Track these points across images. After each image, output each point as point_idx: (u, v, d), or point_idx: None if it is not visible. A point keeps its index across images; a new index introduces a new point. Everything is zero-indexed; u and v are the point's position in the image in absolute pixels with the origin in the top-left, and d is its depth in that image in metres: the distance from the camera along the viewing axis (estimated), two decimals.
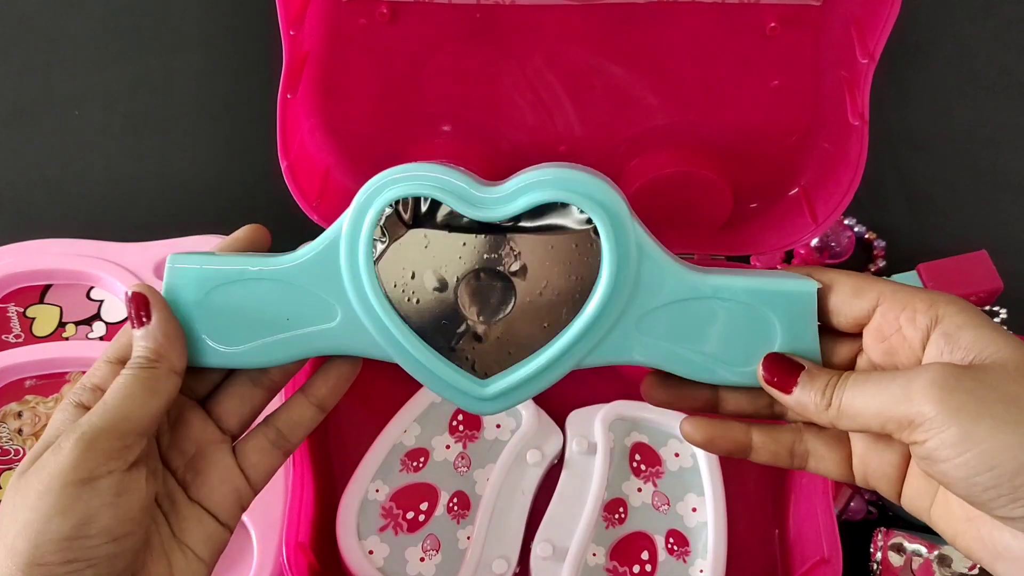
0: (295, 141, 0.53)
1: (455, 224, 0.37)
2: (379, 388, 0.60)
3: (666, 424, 0.58)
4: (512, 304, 0.38)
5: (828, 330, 0.37)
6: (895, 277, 0.61)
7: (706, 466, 0.56)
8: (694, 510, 0.56)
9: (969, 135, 0.68)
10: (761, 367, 0.37)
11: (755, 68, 0.52)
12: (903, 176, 0.67)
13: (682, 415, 0.57)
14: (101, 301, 0.62)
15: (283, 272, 0.37)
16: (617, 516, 0.55)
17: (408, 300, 0.37)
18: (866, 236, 0.67)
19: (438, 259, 0.37)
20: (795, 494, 0.56)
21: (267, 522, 0.54)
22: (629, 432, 0.58)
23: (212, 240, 0.62)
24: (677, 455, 0.57)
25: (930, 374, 0.32)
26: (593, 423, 0.56)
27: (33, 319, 0.61)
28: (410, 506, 0.55)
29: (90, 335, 0.61)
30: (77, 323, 0.61)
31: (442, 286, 0.38)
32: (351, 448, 0.57)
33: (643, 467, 0.57)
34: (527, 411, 0.57)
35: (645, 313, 0.37)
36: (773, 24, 0.49)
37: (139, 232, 0.63)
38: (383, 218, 0.36)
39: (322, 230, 0.54)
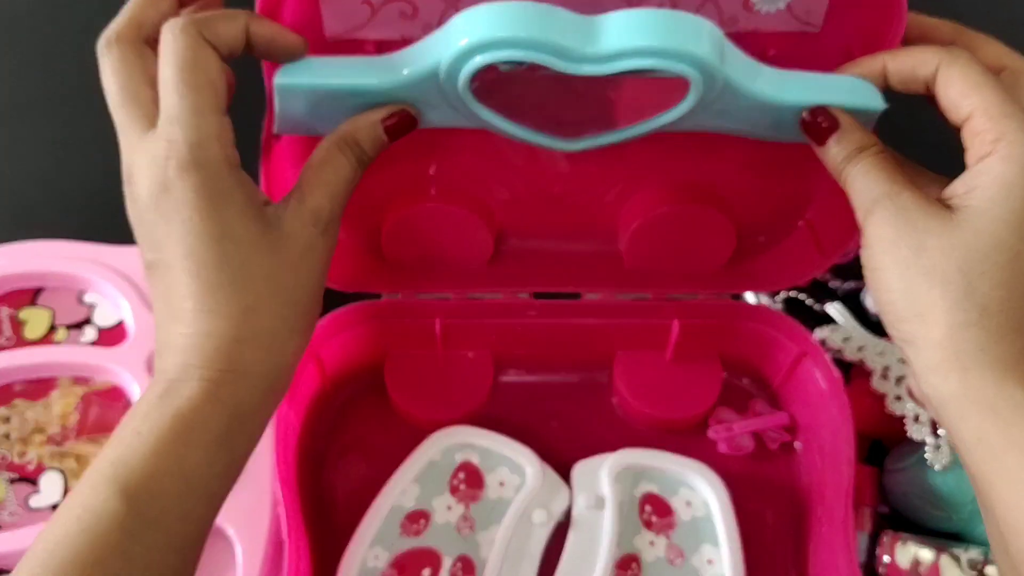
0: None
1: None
2: (376, 446, 0.58)
3: (676, 471, 0.55)
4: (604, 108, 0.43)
5: None
6: None
7: (719, 515, 0.54)
8: (710, 562, 0.53)
9: None
10: (805, 113, 0.41)
11: None
12: None
13: (694, 461, 0.55)
14: (93, 305, 0.61)
15: (388, 92, 0.41)
16: (630, 573, 0.53)
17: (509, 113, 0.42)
18: None
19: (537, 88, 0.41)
20: (814, 543, 0.54)
21: (251, 534, 0.52)
22: (638, 482, 0.55)
23: None
24: (689, 504, 0.55)
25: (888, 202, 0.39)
26: (599, 474, 0.54)
27: (24, 322, 0.60)
28: (411, 572, 0.52)
29: (81, 339, 0.60)
30: (68, 327, 0.60)
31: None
32: (347, 512, 0.54)
33: (654, 518, 0.54)
34: (531, 468, 0.54)
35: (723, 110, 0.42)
36: (773, 52, 0.48)
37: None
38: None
39: None
